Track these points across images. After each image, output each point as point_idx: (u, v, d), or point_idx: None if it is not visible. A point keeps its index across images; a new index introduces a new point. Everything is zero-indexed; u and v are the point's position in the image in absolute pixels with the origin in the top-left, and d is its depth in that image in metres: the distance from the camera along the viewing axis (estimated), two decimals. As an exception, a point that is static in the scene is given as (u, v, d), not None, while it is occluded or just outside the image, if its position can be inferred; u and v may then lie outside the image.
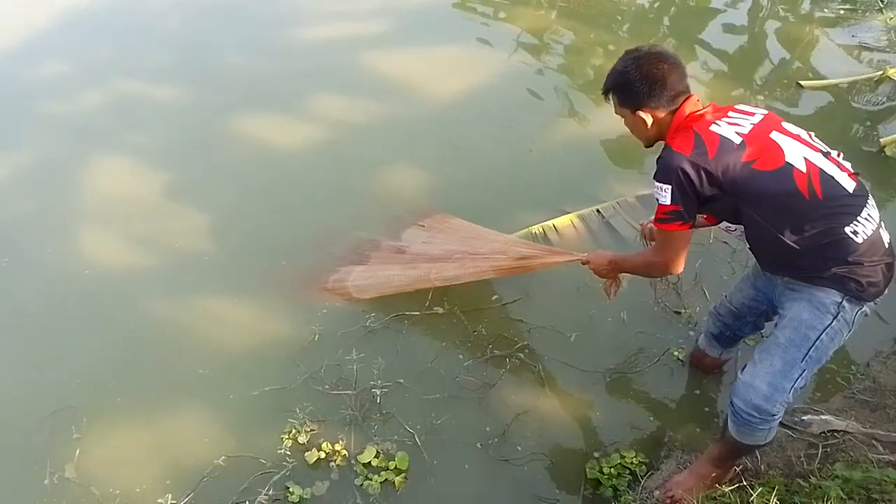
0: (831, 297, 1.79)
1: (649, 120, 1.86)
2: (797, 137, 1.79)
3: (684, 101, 1.83)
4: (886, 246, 1.79)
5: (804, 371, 1.83)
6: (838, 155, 1.81)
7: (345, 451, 2.32)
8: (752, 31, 5.06)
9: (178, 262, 3.06)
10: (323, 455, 2.30)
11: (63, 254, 3.12)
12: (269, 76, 4.35)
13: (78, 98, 4.18)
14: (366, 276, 2.89)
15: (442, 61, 4.50)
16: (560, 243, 3.09)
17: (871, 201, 1.79)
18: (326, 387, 2.53)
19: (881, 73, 4.38)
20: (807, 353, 1.81)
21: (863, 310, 1.81)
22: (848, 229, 1.72)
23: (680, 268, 1.96)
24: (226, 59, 4.53)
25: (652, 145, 1.97)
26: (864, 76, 4.40)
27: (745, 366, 1.93)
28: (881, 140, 3.76)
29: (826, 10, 5.34)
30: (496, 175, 3.55)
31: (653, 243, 2.33)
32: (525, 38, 4.80)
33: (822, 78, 4.40)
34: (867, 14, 5.30)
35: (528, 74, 4.39)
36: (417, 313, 2.78)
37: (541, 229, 3.14)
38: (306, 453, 2.31)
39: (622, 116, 1.95)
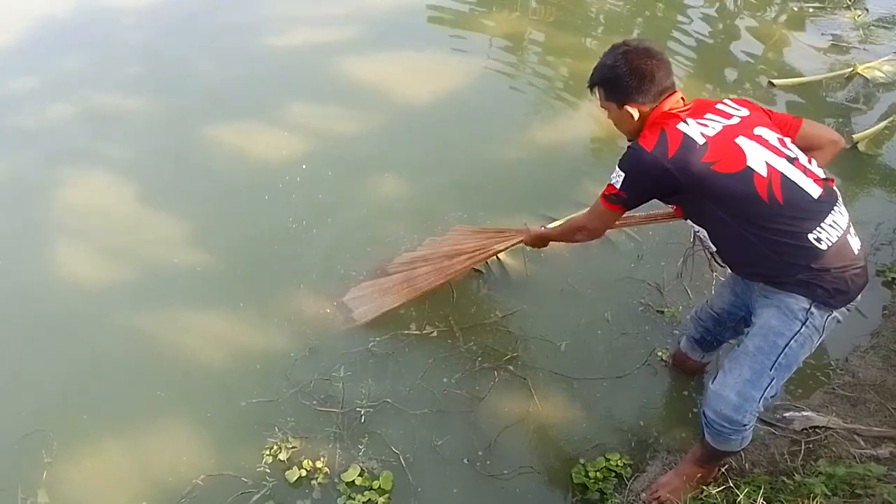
0: (800, 303, 1.78)
1: (636, 114, 1.88)
2: (764, 143, 1.78)
3: (667, 97, 1.85)
4: (856, 252, 1.77)
5: (773, 379, 1.83)
6: (809, 161, 1.81)
7: (327, 469, 2.27)
8: (722, 32, 5.12)
9: (156, 275, 2.98)
10: (304, 473, 2.25)
11: (32, 269, 3.03)
12: (243, 84, 4.29)
13: (47, 111, 4.08)
14: (373, 293, 2.84)
15: (418, 67, 4.48)
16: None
17: (838, 208, 1.78)
18: (314, 402, 2.47)
19: (851, 69, 4.45)
20: (776, 361, 1.81)
21: (833, 316, 1.80)
22: (811, 236, 1.72)
23: (599, 237, 2.23)
24: (198, 69, 4.46)
25: (634, 139, 1.95)
26: (834, 73, 4.47)
27: (715, 375, 1.92)
28: (854, 136, 3.81)
29: (795, 9, 5.42)
30: (478, 181, 3.52)
31: None
32: (499, 44, 4.79)
33: (794, 76, 4.46)
34: (836, 11, 5.39)
35: (504, 79, 4.38)
36: (416, 332, 2.73)
37: None
38: (287, 472, 2.25)
39: (607, 110, 1.97)
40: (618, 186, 1.87)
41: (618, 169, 1.87)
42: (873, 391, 2.51)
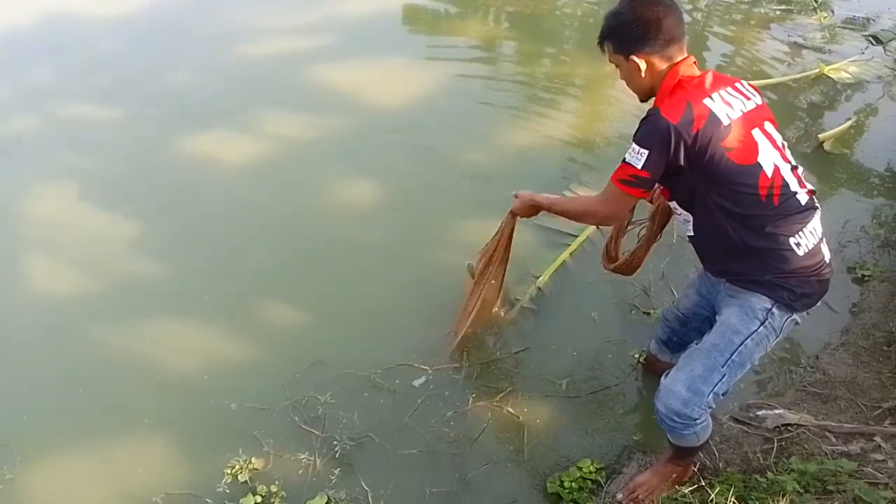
0: (762, 303, 1.79)
1: (643, 66, 1.75)
2: (774, 143, 1.75)
3: (680, 60, 1.75)
4: (826, 261, 1.80)
5: (724, 376, 1.83)
6: (803, 172, 1.81)
7: (283, 493, 2.17)
8: (691, 35, 5.17)
9: (126, 287, 2.91)
10: (259, 500, 2.15)
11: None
12: (215, 95, 4.24)
13: (14, 122, 4.00)
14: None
15: (392, 73, 4.47)
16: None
17: (818, 216, 1.80)
18: (296, 418, 2.40)
19: (817, 70, 4.52)
20: (729, 358, 1.82)
21: (792, 318, 1.82)
22: (792, 241, 1.73)
23: (617, 223, 1.94)
24: (169, 79, 4.40)
25: (646, 100, 1.86)
26: (801, 74, 4.54)
27: (667, 371, 1.93)
28: (819, 136, 3.86)
29: (763, 11, 5.51)
30: (459, 186, 3.50)
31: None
32: (474, 49, 4.80)
33: (762, 77, 4.52)
34: (802, 13, 5.49)
35: (479, 82, 4.38)
36: (426, 368, 2.60)
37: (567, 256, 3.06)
38: (241, 500, 2.14)
39: (617, 67, 1.84)
40: (639, 166, 1.68)
41: (637, 146, 1.68)
42: (843, 388, 2.52)
